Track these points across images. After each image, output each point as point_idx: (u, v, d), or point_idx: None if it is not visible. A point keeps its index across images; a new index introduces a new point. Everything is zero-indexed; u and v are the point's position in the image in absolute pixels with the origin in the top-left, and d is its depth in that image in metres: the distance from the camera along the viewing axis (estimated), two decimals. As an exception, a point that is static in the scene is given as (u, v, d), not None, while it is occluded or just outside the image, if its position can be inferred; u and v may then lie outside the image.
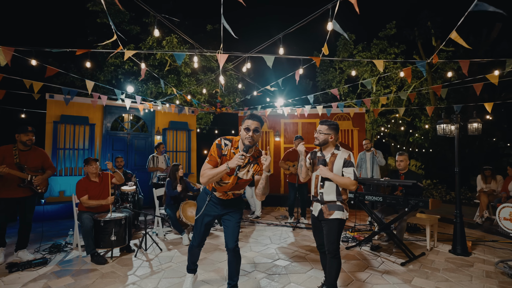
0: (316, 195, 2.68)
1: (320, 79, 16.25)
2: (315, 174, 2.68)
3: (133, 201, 5.33)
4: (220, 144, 2.42)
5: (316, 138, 2.67)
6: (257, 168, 2.46)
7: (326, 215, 2.57)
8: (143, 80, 10.90)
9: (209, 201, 2.58)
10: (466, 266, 3.64)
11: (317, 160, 2.68)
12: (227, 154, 2.41)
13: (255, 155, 2.47)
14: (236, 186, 2.51)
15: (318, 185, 2.65)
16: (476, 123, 4.01)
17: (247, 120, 2.34)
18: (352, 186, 2.51)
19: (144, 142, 8.03)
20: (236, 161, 2.18)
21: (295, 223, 5.79)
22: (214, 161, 2.39)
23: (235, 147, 2.42)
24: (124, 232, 3.90)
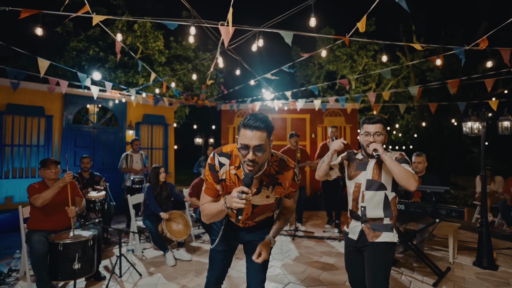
0: (354, 209, 2.05)
1: (299, 74, 15.82)
2: (354, 181, 2.04)
3: (102, 210, 4.37)
4: (214, 165, 1.60)
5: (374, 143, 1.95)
6: (281, 190, 1.65)
7: (370, 237, 1.95)
8: (110, 68, 9.67)
9: (225, 226, 1.86)
10: (503, 285, 3.20)
11: (356, 163, 2.06)
12: (226, 178, 1.62)
13: (272, 171, 1.61)
14: (255, 215, 1.78)
15: (358, 195, 2.01)
16: (507, 121, 3.58)
17: (243, 130, 1.43)
18: (414, 180, 1.78)
19: (113, 137, 6.93)
20: (234, 202, 1.39)
21: (292, 230, 5.15)
22: (213, 190, 1.65)
23: (236, 165, 1.59)
24: (92, 256, 2.99)
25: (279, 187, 1.63)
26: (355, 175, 2.05)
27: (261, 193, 1.64)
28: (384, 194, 1.96)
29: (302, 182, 5.29)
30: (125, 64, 9.82)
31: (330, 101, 6.04)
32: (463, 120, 3.74)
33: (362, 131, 2.03)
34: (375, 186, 1.96)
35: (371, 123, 1.98)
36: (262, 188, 1.62)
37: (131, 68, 9.80)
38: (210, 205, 1.61)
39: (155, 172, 4.05)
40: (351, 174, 2.09)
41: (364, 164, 2.04)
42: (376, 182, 1.96)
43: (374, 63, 14.10)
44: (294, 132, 5.42)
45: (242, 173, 1.58)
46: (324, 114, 7.96)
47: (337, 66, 14.01)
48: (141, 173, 5.50)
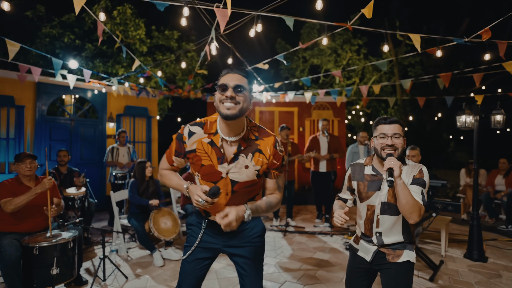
0: (368, 233, 1.71)
1: (283, 68, 15.72)
2: (366, 204, 1.70)
3: (82, 207, 4.06)
4: (182, 135, 1.46)
5: (392, 147, 1.61)
6: (263, 160, 1.44)
7: (390, 258, 1.65)
8: (88, 57, 9.11)
9: (204, 230, 1.55)
10: (494, 276, 3.23)
11: (367, 182, 1.70)
12: (196, 148, 1.44)
13: (251, 136, 1.45)
14: (237, 197, 1.47)
15: (372, 219, 1.68)
16: (499, 115, 3.60)
17: (223, 77, 1.38)
18: (416, 215, 1.49)
19: (93, 130, 6.51)
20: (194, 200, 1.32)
21: (283, 226, 5.04)
22: (170, 158, 1.55)
23: (211, 132, 1.44)
24: (72, 260, 2.73)
25: (260, 155, 1.43)
26: (367, 197, 1.69)
27: (239, 162, 1.41)
28: (402, 218, 1.63)
29: (291, 176, 5.18)
30: (104, 53, 9.29)
31: (321, 94, 5.94)
32: (457, 113, 3.73)
33: (376, 133, 1.67)
34: (391, 210, 1.63)
35: (388, 122, 1.64)
36: (240, 155, 1.41)
37: (110, 57, 9.29)
38: (171, 176, 1.54)
39: (141, 167, 3.79)
40: (362, 195, 1.72)
41: (377, 182, 1.67)
42: (393, 205, 1.62)
43: (358, 58, 14.19)
44: (285, 125, 5.29)
45: (219, 140, 1.41)
46: (312, 108, 7.88)
47: (321, 60, 14.00)
48: (128, 167, 5.20)
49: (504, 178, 5.57)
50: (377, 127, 1.68)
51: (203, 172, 1.45)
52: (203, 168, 1.45)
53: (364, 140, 5.25)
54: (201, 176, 1.47)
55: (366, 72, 14.34)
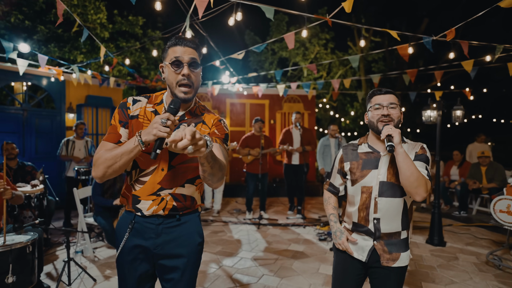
0: (363, 222, 1.50)
1: (252, 59, 15.65)
2: (360, 185, 1.49)
3: (40, 206, 3.72)
4: (125, 102, 1.35)
5: (388, 117, 1.44)
6: (205, 130, 1.36)
7: (384, 260, 1.46)
8: (40, 40, 8.28)
9: (132, 228, 1.34)
10: (453, 259, 3.51)
11: (362, 161, 1.52)
12: (139, 114, 1.33)
13: (197, 112, 1.38)
14: (174, 175, 1.31)
15: (369, 204, 1.47)
16: (459, 110, 3.86)
17: (172, 49, 1.25)
18: (423, 190, 1.32)
19: (50, 121, 5.96)
20: (154, 129, 1.09)
21: (257, 219, 5.05)
22: (115, 134, 1.31)
23: (155, 102, 1.36)
24: (32, 265, 2.48)
25: (203, 125, 1.35)
26: (362, 176, 1.48)
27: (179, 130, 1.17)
28: (403, 201, 1.46)
29: (264, 169, 5.18)
30: (59, 37, 8.51)
31: (293, 86, 5.97)
32: (423, 108, 3.95)
33: (371, 105, 1.50)
34: (392, 190, 1.44)
35: (383, 93, 1.49)
36: (182, 124, 1.31)
37: (67, 42, 8.53)
38: (112, 150, 1.24)
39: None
40: (355, 176, 1.51)
41: (374, 160, 1.48)
42: (393, 185, 1.44)
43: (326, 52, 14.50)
44: (259, 118, 5.25)
45: (162, 110, 1.33)
46: (283, 100, 7.92)
47: (290, 53, 14.13)
48: (85, 162, 4.83)
49: (458, 169, 6.05)
50: (372, 99, 1.52)
51: None
52: None
53: (335, 133, 5.39)
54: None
55: (333, 66, 14.73)
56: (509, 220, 3.03)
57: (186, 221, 1.38)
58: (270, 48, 14.55)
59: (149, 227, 1.33)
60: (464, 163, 6.03)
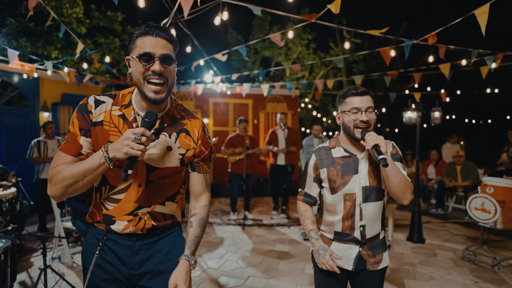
0: (348, 231, 1.42)
1: (235, 58, 15.60)
2: (341, 193, 1.40)
3: (12, 211, 3.51)
4: (86, 104, 1.10)
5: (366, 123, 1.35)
6: (190, 143, 1.18)
7: (370, 265, 1.43)
8: (10, 34, 7.84)
9: (100, 252, 1.15)
10: (431, 255, 3.64)
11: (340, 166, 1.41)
12: (104, 120, 1.10)
13: (176, 114, 1.20)
14: (153, 192, 1.15)
15: (354, 211, 1.40)
16: (437, 112, 4.00)
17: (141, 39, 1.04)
18: (410, 193, 1.35)
19: (22, 120, 5.65)
20: (126, 146, 0.94)
21: (241, 219, 5.02)
22: (74, 144, 1.08)
23: (123, 104, 1.13)
24: (3, 274, 2.33)
25: (186, 136, 1.17)
26: (344, 184, 1.38)
27: (160, 141, 1.12)
28: (383, 202, 1.44)
29: (249, 170, 5.16)
30: (32, 31, 8.09)
31: (277, 86, 5.98)
32: (403, 110, 4.06)
33: (346, 108, 1.38)
34: (375, 194, 1.39)
35: (359, 93, 1.36)
36: (161, 133, 1.13)
37: (40, 37, 8.12)
38: (73, 165, 1.03)
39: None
40: (335, 184, 1.40)
41: (353, 164, 1.39)
42: (376, 189, 1.39)
43: (308, 52, 14.68)
44: (243, 118, 5.22)
45: (132, 114, 1.11)
46: (266, 100, 7.92)
47: (272, 53, 14.20)
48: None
49: (434, 168, 6.30)
50: (346, 100, 1.38)
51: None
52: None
53: (319, 133, 5.46)
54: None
55: (315, 66, 14.94)
56: (483, 217, 3.17)
57: (168, 233, 1.23)
58: (253, 47, 14.56)
59: (124, 244, 1.15)
60: (440, 162, 6.28)
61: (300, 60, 14.29)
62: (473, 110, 15.27)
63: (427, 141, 14.24)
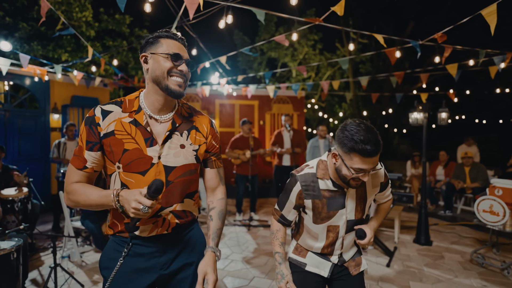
0: (327, 253, 1.46)
1: (241, 59, 15.66)
2: (326, 225, 1.38)
3: (24, 210, 3.60)
4: (93, 116, 1.11)
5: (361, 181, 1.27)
6: (200, 138, 1.24)
7: (353, 269, 1.48)
8: (22, 38, 8.03)
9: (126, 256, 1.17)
10: (439, 258, 3.60)
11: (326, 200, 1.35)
12: (115, 130, 1.12)
13: (183, 113, 1.25)
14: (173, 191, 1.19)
15: (335, 241, 1.42)
16: (444, 112, 3.96)
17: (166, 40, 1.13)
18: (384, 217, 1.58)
19: (34, 122, 5.78)
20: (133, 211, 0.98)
21: (247, 220, 5.04)
22: (80, 158, 1.12)
23: (132, 110, 1.15)
24: (16, 272, 2.40)
25: (196, 132, 1.23)
26: (329, 217, 1.36)
27: (173, 141, 1.17)
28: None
29: (254, 171, 5.19)
30: (43, 35, 8.27)
31: (282, 87, 5.99)
32: (409, 111, 4.03)
33: (350, 164, 1.20)
34: (355, 224, 1.42)
35: (371, 155, 1.15)
36: (174, 133, 1.18)
37: (51, 40, 8.30)
38: (87, 190, 1.09)
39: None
40: (320, 216, 1.37)
41: (340, 198, 1.34)
42: (359, 221, 1.41)
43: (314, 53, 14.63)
44: (247, 119, 5.25)
45: (144, 118, 1.14)
46: (272, 101, 7.94)
47: (278, 54, 14.21)
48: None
49: (444, 169, 6.22)
50: (352, 155, 1.18)
51: (126, 160, 1.11)
52: (126, 154, 1.11)
53: (324, 133, 5.44)
54: (124, 167, 1.12)
55: (321, 67, 14.88)
56: (492, 219, 3.13)
57: (191, 229, 1.29)
58: (259, 48, 14.59)
59: (152, 246, 1.18)
60: (449, 163, 6.20)
61: (306, 61, 14.26)
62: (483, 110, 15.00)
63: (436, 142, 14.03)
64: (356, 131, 1.16)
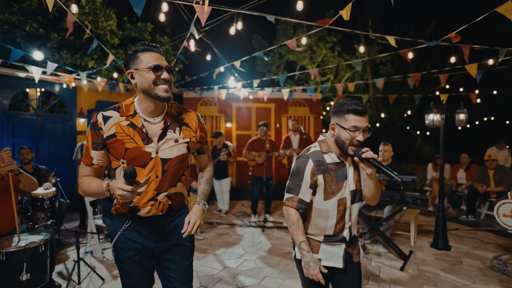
0: (339, 232, 1.50)
1: (259, 63, 15.78)
2: (336, 199, 1.46)
3: (52, 208, 3.87)
4: (96, 122, 1.33)
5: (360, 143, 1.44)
6: (190, 132, 1.45)
7: (355, 256, 1.57)
8: (53, 47, 8.58)
9: (127, 232, 1.42)
10: (457, 263, 3.49)
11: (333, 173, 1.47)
12: (116, 132, 1.34)
13: (173, 112, 1.45)
14: (167, 178, 1.40)
15: (345, 214, 1.49)
16: (463, 114, 3.85)
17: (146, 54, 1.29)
18: (379, 196, 1.59)
19: (62, 126, 6.17)
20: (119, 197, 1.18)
21: (262, 222, 5.11)
22: (87, 156, 1.36)
23: (128, 114, 1.36)
24: (44, 264, 2.60)
25: (186, 128, 1.45)
26: (338, 189, 1.46)
27: (168, 138, 1.39)
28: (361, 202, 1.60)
29: (269, 173, 5.24)
30: (72, 44, 8.80)
31: (298, 91, 6.03)
32: (425, 112, 3.96)
33: (345, 124, 1.40)
34: (358, 196, 1.53)
35: (360, 113, 1.39)
36: (167, 131, 1.39)
37: (79, 49, 8.81)
38: (90, 181, 1.34)
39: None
40: (331, 189, 1.46)
41: (343, 171, 1.49)
42: (359, 190, 1.54)
43: (333, 55, 14.51)
44: (264, 122, 5.33)
45: (139, 121, 1.35)
46: (289, 104, 7.98)
47: (297, 56, 14.19)
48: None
49: (465, 172, 5.99)
50: (345, 116, 1.40)
51: (129, 156, 1.34)
52: (128, 152, 1.34)
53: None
54: (128, 162, 1.35)
55: (340, 69, 14.72)
56: (513, 224, 3.01)
57: (181, 214, 1.53)
58: (277, 51, 14.67)
59: (148, 224, 1.43)
60: (471, 166, 5.96)
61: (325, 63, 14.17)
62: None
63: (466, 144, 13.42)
64: (346, 101, 1.44)
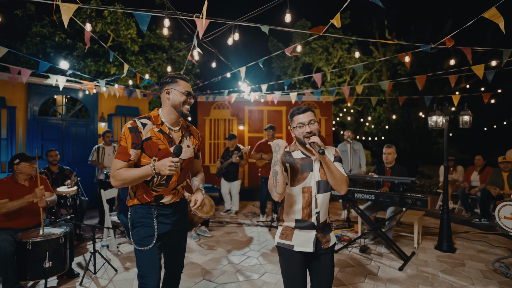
0: (306, 218, 1.72)
1: (275, 66, 15.91)
2: (301, 186, 1.72)
3: (74, 205, 4.23)
4: (136, 127, 1.70)
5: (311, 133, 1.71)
6: (194, 140, 1.96)
7: (323, 244, 1.75)
8: (79, 56, 9.18)
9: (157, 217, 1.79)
10: (459, 265, 3.49)
11: (299, 165, 1.74)
12: (151, 136, 1.73)
13: (184, 125, 1.94)
14: (184, 173, 1.91)
15: (311, 201, 1.71)
16: (467, 115, 3.84)
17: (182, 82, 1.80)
18: (346, 185, 1.71)
19: (84, 130, 6.65)
20: (168, 169, 1.59)
21: (269, 221, 5.26)
22: (125, 154, 1.67)
23: (157, 123, 1.77)
24: (64, 254, 2.91)
25: (193, 137, 1.94)
26: (303, 179, 1.72)
27: (183, 143, 1.85)
28: (330, 193, 1.80)
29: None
30: (95, 52, 9.38)
31: (306, 93, 6.14)
32: (428, 114, 3.97)
33: (294, 124, 1.76)
34: (324, 187, 1.74)
35: (302, 112, 1.75)
36: (183, 138, 1.86)
37: (102, 56, 9.38)
38: (128, 170, 1.65)
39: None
40: (296, 178, 1.73)
41: (309, 164, 1.75)
42: (326, 182, 1.74)
43: (349, 56, 14.41)
44: (271, 125, 5.49)
45: (166, 129, 1.78)
46: (300, 107, 8.08)
47: (313, 58, 14.22)
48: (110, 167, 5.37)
49: (479, 174, 5.85)
50: (293, 118, 1.77)
51: (160, 155, 1.73)
52: (160, 151, 1.74)
53: (347, 138, 5.49)
54: (158, 159, 1.72)
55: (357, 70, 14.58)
56: (513, 226, 2.99)
57: (183, 199, 2.00)
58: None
59: (168, 209, 1.84)
60: (485, 168, 5.82)
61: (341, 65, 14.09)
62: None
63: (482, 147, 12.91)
64: (293, 109, 1.81)
